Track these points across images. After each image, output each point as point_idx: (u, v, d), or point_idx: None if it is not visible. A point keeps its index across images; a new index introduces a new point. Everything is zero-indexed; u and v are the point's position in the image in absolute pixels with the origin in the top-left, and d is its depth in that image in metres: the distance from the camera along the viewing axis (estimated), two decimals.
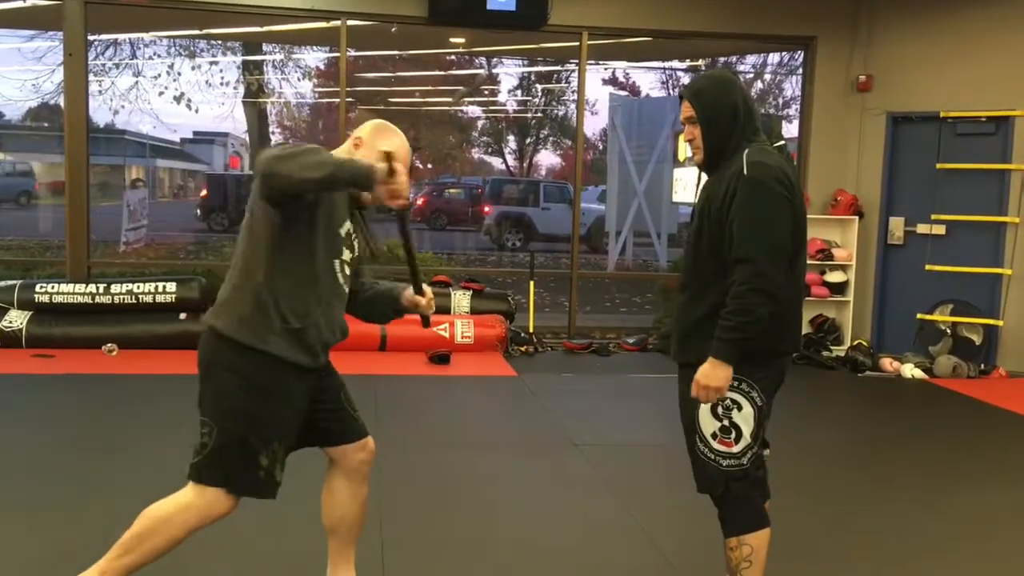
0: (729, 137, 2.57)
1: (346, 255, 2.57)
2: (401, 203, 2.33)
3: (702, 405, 2.57)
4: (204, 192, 19.93)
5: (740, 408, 2.56)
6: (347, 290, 2.62)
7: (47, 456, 4.42)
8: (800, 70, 8.67)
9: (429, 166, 34.39)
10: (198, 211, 19.27)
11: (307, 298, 2.45)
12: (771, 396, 2.64)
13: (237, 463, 2.41)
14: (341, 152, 2.61)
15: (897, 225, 7.80)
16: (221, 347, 2.44)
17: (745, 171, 2.47)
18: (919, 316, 7.53)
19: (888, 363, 7.24)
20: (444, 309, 7.59)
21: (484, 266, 15.31)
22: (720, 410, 2.57)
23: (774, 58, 20.00)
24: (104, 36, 14.50)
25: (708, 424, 2.59)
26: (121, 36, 14.95)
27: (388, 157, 2.34)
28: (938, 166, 7.47)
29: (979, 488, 4.43)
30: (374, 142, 2.57)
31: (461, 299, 7.71)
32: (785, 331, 2.59)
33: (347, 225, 2.57)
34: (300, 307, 2.44)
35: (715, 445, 2.59)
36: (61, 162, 7.78)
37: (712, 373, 2.46)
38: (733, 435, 2.56)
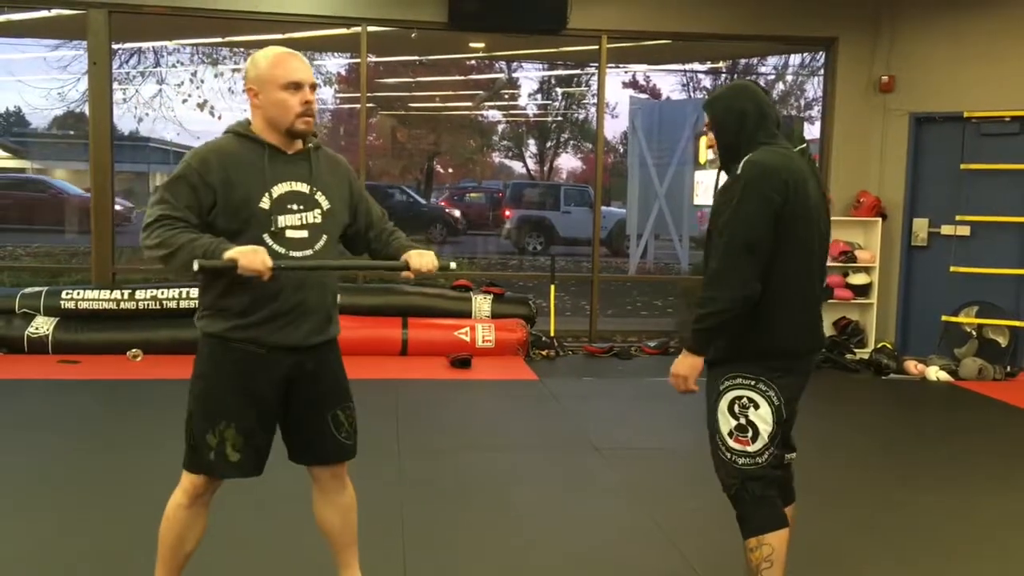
0: (738, 140, 2.65)
1: (284, 221, 2.47)
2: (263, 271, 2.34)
3: (720, 403, 2.63)
4: None
5: (757, 407, 2.58)
6: (308, 254, 2.50)
7: (74, 460, 4.47)
8: (822, 71, 8.61)
9: (450, 171, 34.49)
10: None
11: (245, 285, 2.44)
12: (793, 398, 2.64)
13: (193, 444, 2.52)
14: (250, 110, 2.52)
15: (921, 226, 7.73)
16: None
17: (739, 170, 2.57)
18: (944, 318, 7.46)
19: (913, 365, 7.17)
20: (465, 313, 7.61)
21: (505, 270, 15.32)
22: (736, 408, 2.60)
23: (795, 59, 19.91)
24: (128, 45, 14.67)
25: (724, 422, 2.63)
26: (145, 45, 15.12)
27: (297, 85, 2.43)
28: (962, 167, 7.40)
29: (1005, 491, 4.38)
30: (263, 77, 2.45)
31: (482, 303, 7.72)
32: (796, 330, 2.60)
33: (278, 189, 2.48)
34: (239, 291, 2.45)
35: (731, 443, 2.61)
36: (86, 169, 7.87)
37: (681, 361, 2.62)
38: (750, 433, 2.58)
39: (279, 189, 2.48)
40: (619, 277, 13.77)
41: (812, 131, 9.36)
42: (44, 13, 8.46)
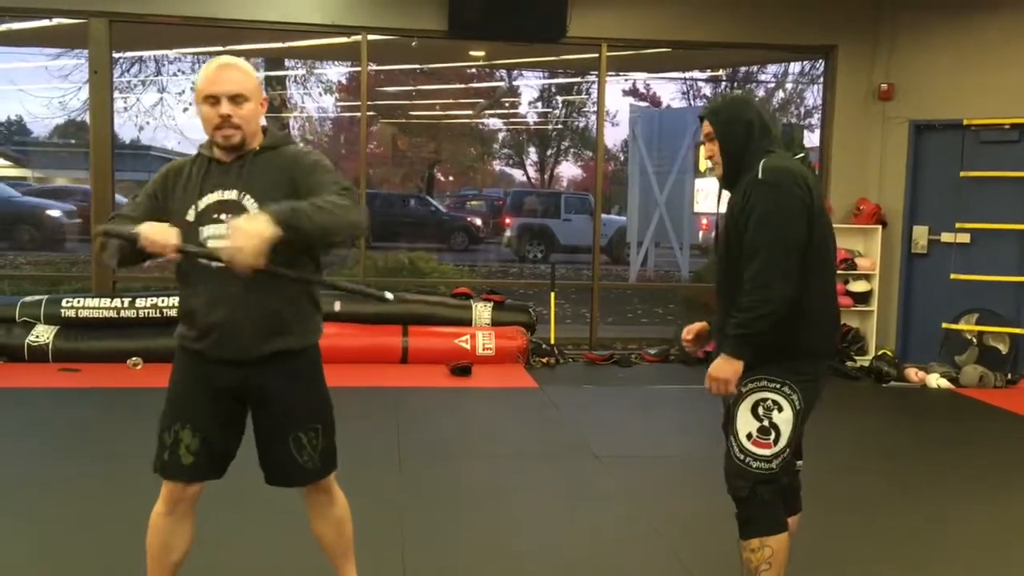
0: (745, 150, 2.66)
1: (208, 232, 2.43)
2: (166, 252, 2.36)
3: (742, 404, 2.62)
4: None
5: (781, 409, 2.58)
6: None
7: (75, 468, 4.46)
8: (821, 79, 8.63)
9: (451, 179, 34.55)
10: None
11: (184, 291, 2.53)
12: (811, 403, 2.65)
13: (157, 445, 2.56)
14: None
15: (921, 234, 7.74)
16: None
17: (760, 175, 2.56)
18: (944, 325, 7.46)
19: (913, 373, 7.17)
20: (465, 321, 7.61)
21: (505, 278, 15.32)
22: (761, 410, 2.59)
23: (795, 67, 19.95)
24: (129, 53, 14.71)
25: (746, 424, 2.61)
26: (146, 53, 15.16)
27: (213, 98, 2.41)
28: (962, 174, 7.41)
29: (1007, 499, 4.37)
30: (197, 91, 2.46)
31: (482, 311, 7.72)
32: (819, 330, 2.63)
33: (205, 201, 2.46)
34: (182, 299, 2.56)
35: (748, 445, 2.60)
36: (87, 178, 7.89)
37: (722, 366, 2.57)
38: (772, 436, 2.58)
39: (206, 200, 2.46)
40: (619, 285, 13.78)
41: (812, 139, 9.38)
42: (45, 22, 8.49)
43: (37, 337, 6.92)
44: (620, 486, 4.40)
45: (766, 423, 2.58)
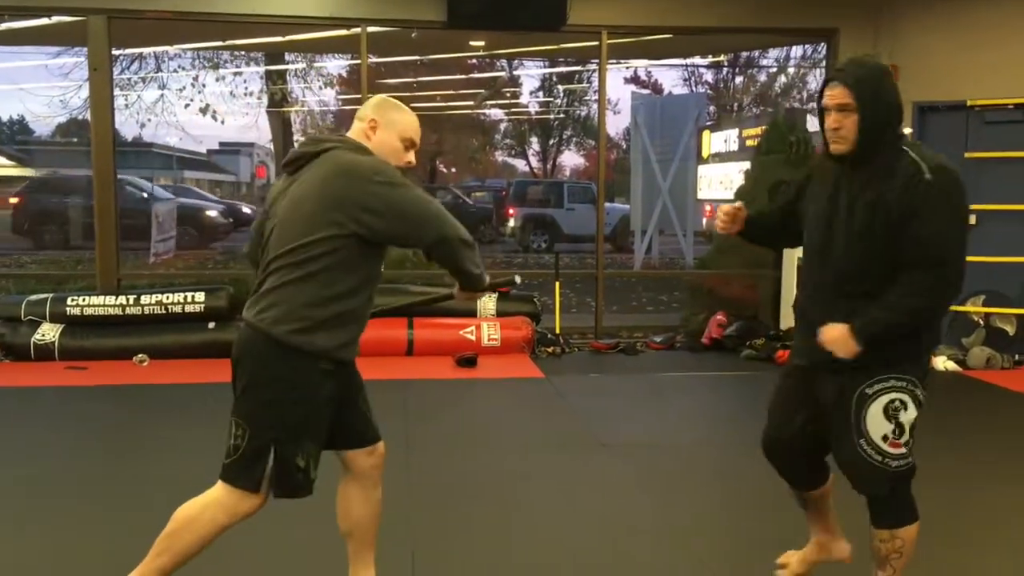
0: (885, 132, 2.53)
1: None
2: None
3: (872, 407, 2.55)
4: None
5: (907, 408, 2.57)
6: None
7: (83, 465, 4.47)
8: (823, 63, 8.58)
9: (453, 170, 34.55)
10: None
11: (356, 299, 2.62)
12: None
13: (274, 467, 2.44)
14: (355, 135, 2.61)
15: None
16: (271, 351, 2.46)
17: (929, 175, 2.45)
18: (951, 307, 7.43)
19: None
20: (470, 312, 7.60)
21: (510, 268, 15.31)
22: (891, 411, 2.56)
23: (796, 51, 19.90)
24: (129, 50, 14.69)
25: (879, 426, 2.56)
26: (146, 50, 15.14)
27: (412, 144, 2.59)
28: (967, 155, 7.36)
29: (1016, 480, 4.36)
30: (391, 121, 2.62)
31: (487, 301, 7.71)
32: (938, 330, 2.71)
33: None
34: (351, 306, 2.61)
35: (885, 447, 2.56)
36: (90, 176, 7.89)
37: (847, 342, 2.49)
38: (902, 436, 2.57)
39: None
40: (624, 273, 13.76)
41: (814, 123, 9.33)
42: (44, 20, 8.48)
43: (43, 336, 6.93)
44: (628, 475, 4.40)
45: (894, 424, 2.56)
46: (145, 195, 17.48)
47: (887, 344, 2.51)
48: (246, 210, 21.69)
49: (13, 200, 17.85)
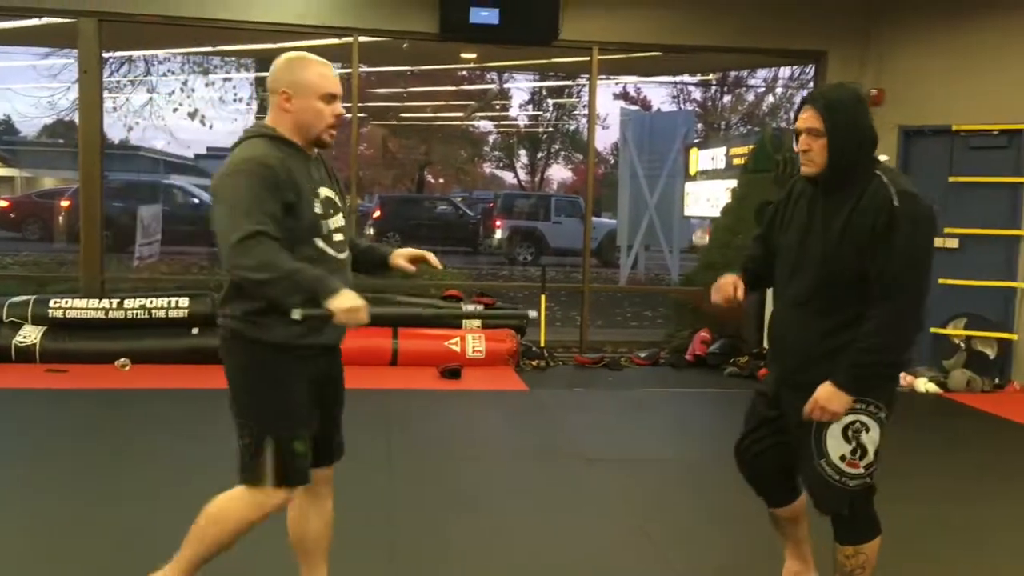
0: (858, 160, 2.53)
1: (331, 225, 2.52)
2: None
3: (832, 427, 2.57)
4: None
5: (868, 430, 2.59)
6: (346, 255, 2.62)
7: (62, 470, 4.43)
8: (811, 84, 8.65)
9: (441, 181, 34.54)
10: None
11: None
12: (892, 410, 2.67)
13: (276, 457, 2.45)
14: (271, 113, 2.48)
15: None
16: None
17: (897, 201, 2.44)
18: (932, 330, 7.48)
19: (901, 377, 7.19)
20: (455, 323, 7.60)
21: (495, 280, 15.32)
22: (850, 433, 2.58)
23: (784, 72, 20.06)
24: (119, 53, 14.66)
25: (837, 447, 2.59)
26: (136, 53, 15.10)
27: (332, 97, 2.45)
28: (951, 179, 7.44)
29: (995, 502, 4.39)
30: (302, 84, 2.44)
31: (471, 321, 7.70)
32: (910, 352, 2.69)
33: (323, 192, 2.52)
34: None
35: (843, 467, 2.59)
36: (75, 178, 7.85)
37: (836, 398, 2.51)
38: (858, 455, 2.59)
39: (323, 192, 2.52)
40: (610, 288, 13.78)
41: None
42: (35, 21, 8.45)
43: (24, 338, 6.87)
44: (610, 489, 4.40)
45: (854, 444, 2.58)
46: (196, 201, 17.54)
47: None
48: None
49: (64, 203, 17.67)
